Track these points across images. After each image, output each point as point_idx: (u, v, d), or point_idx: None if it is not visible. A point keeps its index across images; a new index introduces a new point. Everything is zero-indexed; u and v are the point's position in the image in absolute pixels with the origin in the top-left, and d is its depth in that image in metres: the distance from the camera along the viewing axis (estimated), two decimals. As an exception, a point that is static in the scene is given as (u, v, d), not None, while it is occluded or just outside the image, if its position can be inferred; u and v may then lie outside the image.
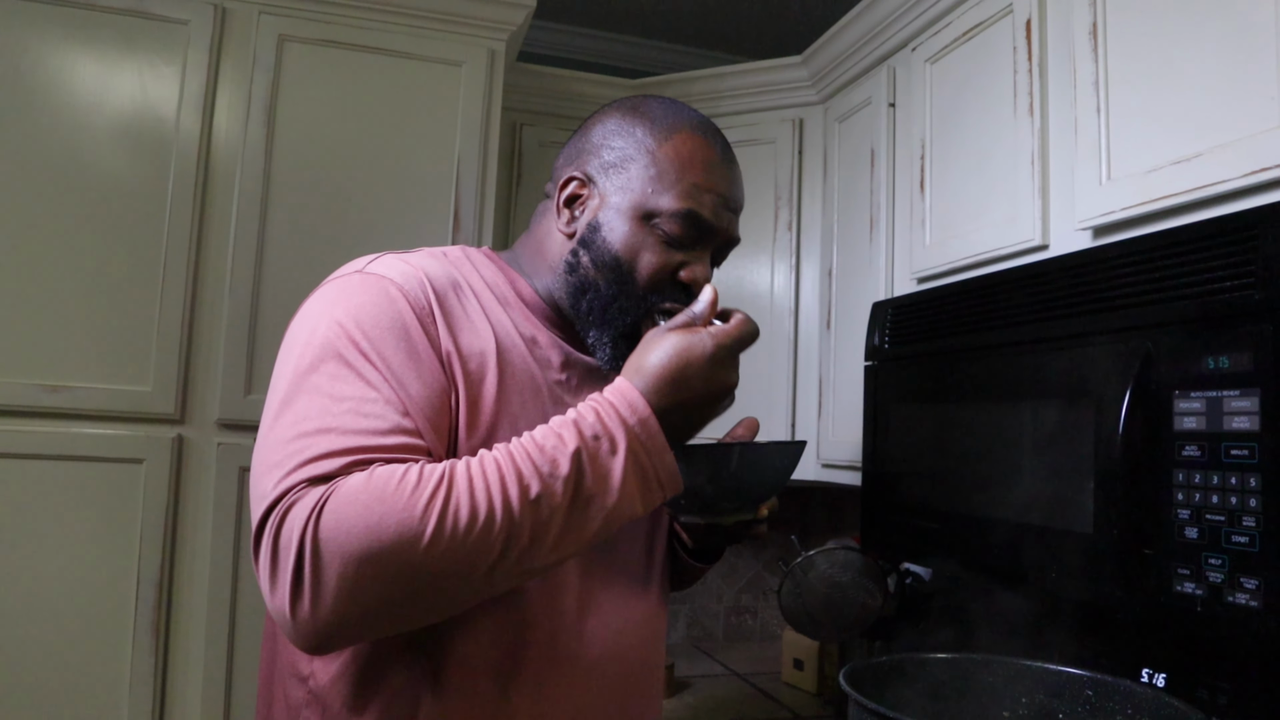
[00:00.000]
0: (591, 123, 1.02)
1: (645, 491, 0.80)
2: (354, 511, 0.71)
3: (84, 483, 1.75)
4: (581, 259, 0.96)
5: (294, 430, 0.78)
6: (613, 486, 0.78)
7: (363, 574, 0.70)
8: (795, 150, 2.31)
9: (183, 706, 1.79)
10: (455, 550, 0.72)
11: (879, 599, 1.58)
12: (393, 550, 0.70)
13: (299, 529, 0.71)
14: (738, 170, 1.00)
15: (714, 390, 0.83)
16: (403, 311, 0.85)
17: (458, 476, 0.74)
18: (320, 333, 0.83)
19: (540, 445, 0.77)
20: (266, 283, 1.89)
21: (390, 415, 0.80)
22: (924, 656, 1.01)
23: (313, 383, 0.81)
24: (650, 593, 1.04)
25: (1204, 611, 1.01)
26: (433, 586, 0.72)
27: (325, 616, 0.71)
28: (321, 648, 0.74)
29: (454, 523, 0.72)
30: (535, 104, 2.43)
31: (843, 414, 2.05)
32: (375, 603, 0.71)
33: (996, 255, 1.54)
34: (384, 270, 0.89)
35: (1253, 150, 1.07)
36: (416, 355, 0.84)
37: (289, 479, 0.75)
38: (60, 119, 1.79)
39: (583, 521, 0.77)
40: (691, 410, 0.83)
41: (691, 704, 2.10)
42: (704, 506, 0.94)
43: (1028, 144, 1.49)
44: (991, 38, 1.61)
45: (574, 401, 0.96)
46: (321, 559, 0.70)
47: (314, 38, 1.97)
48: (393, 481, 0.72)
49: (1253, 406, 0.98)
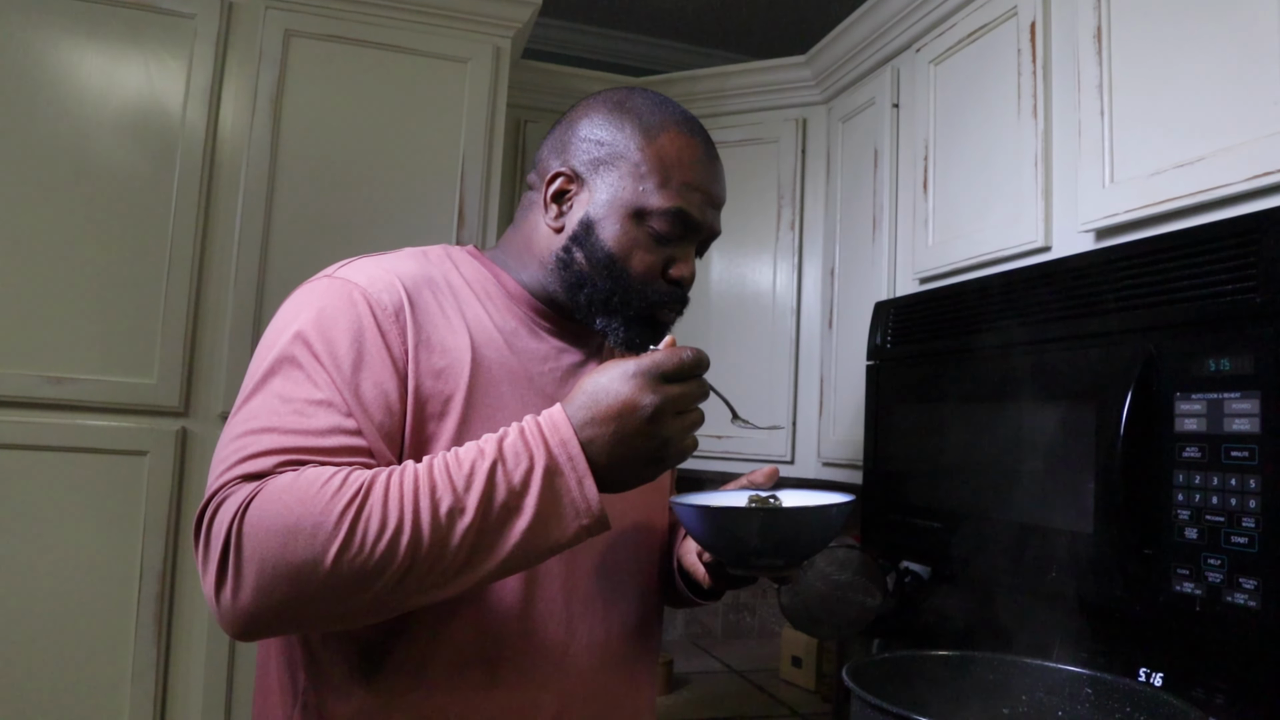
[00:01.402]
0: (576, 115, 1.03)
1: (561, 515, 0.78)
2: (274, 511, 0.74)
3: (88, 475, 1.76)
4: (575, 256, 0.98)
5: (242, 428, 0.82)
6: (526, 505, 0.77)
7: (277, 574, 0.73)
8: (799, 150, 2.32)
9: (185, 698, 1.80)
10: (361, 559, 0.73)
11: (878, 598, 1.59)
12: (303, 554, 0.73)
13: (226, 524, 0.75)
14: (720, 166, 1.03)
15: (643, 419, 0.78)
16: (362, 315, 0.88)
17: (375, 487, 0.76)
18: (284, 336, 0.87)
19: (460, 460, 0.78)
20: (271, 276, 1.89)
21: (332, 417, 0.82)
22: (924, 654, 1.02)
23: (268, 384, 0.84)
24: (640, 586, 1.05)
25: (1203, 611, 1.02)
26: (338, 592, 0.74)
27: (244, 608, 0.74)
28: (244, 635, 0.77)
29: (363, 532, 0.73)
30: (540, 101, 2.43)
31: (844, 413, 2.06)
32: (286, 601, 0.74)
33: (999, 256, 1.55)
34: (351, 275, 0.92)
35: (1255, 154, 1.07)
36: (371, 359, 0.86)
37: (226, 474, 0.79)
38: (66, 112, 1.80)
39: (495, 540, 0.76)
40: (624, 438, 0.79)
41: (690, 700, 2.11)
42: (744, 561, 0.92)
43: (1031, 146, 1.49)
44: (996, 40, 1.62)
45: (559, 391, 0.98)
46: (243, 555, 0.74)
47: (320, 33, 1.97)
48: (316, 484, 0.75)
49: (1253, 409, 0.99)
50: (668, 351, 0.82)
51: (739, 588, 1.06)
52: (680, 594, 1.13)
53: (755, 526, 0.87)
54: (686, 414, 0.81)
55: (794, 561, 0.93)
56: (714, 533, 0.91)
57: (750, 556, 0.90)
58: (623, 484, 0.81)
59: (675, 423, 0.80)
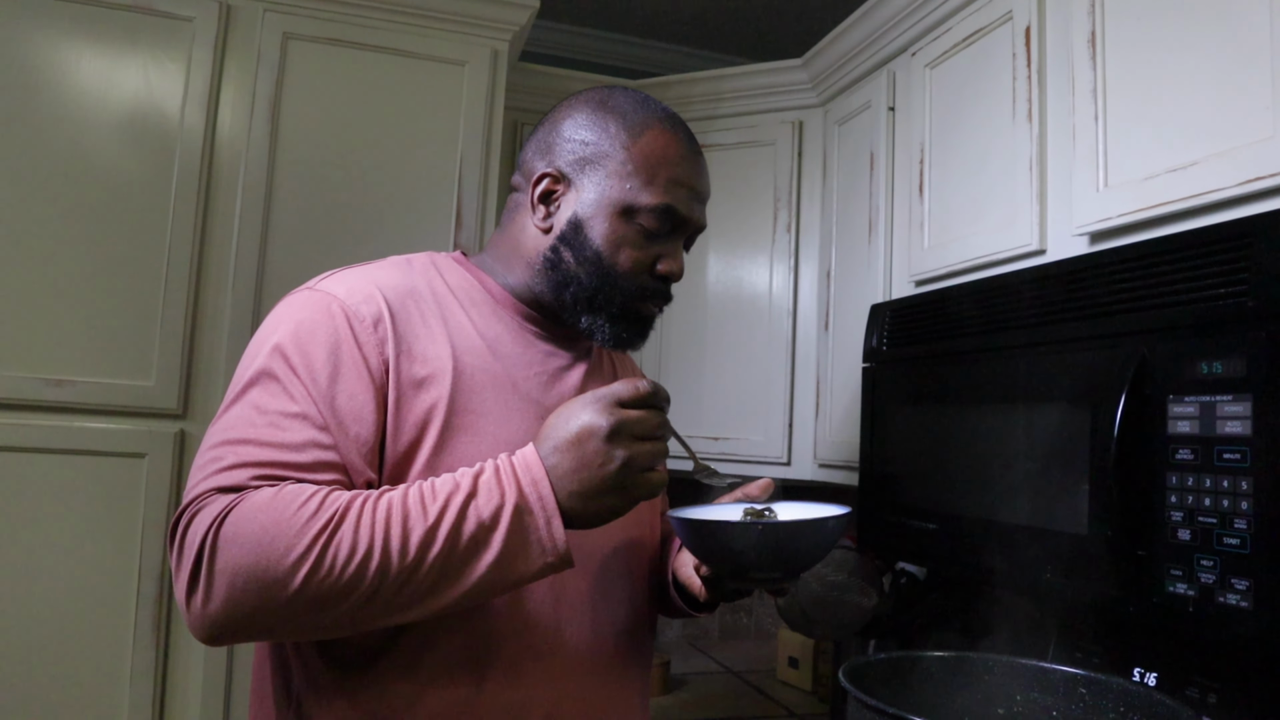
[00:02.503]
0: (559, 116, 1.04)
1: (528, 552, 0.80)
2: (250, 529, 0.76)
3: (86, 477, 1.76)
4: (563, 255, 0.99)
5: (219, 438, 0.84)
6: (494, 540, 0.79)
7: (247, 587, 0.76)
8: (795, 152, 2.32)
9: (183, 700, 1.80)
10: (330, 582, 0.76)
11: (874, 598, 1.59)
12: (274, 572, 0.76)
13: (200, 534, 0.77)
14: (704, 160, 1.05)
15: (600, 438, 0.80)
16: (339, 328, 0.89)
17: (350, 511, 0.79)
18: (263, 349, 0.88)
19: (436, 491, 0.81)
20: (269, 279, 1.90)
21: (307, 430, 0.84)
22: (920, 655, 1.03)
23: (246, 396, 0.86)
24: (630, 589, 1.05)
25: (1196, 612, 1.03)
26: (305, 609, 0.77)
27: (214, 616, 0.77)
28: (212, 640, 0.79)
29: (333, 555, 0.76)
30: (538, 103, 2.44)
31: (840, 415, 2.07)
32: (254, 612, 0.77)
33: (994, 259, 1.56)
34: (330, 287, 0.93)
35: (1248, 159, 1.08)
36: (347, 371, 0.87)
37: (203, 484, 0.81)
38: (65, 114, 1.80)
39: (461, 571, 0.79)
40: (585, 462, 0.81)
41: (687, 701, 2.12)
42: (741, 574, 0.94)
43: (1026, 150, 1.50)
44: (991, 44, 1.63)
45: (546, 396, 0.99)
46: (215, 565, 0.76)
47: (318, 36, 1.98)
48: (293, 505, 0.78)
49: (1245, 411, 1.00)
50: (624, 381, 0.84)
51: (734, 600, 1.07)
52: (675, 606, 1.14)
53: (753, 540, 0.88)
54: (646, 440, 0.83)
55: (791, 574, 0.94)
56: (711, 546, 0.92)
57: (748, 569, 0.91)
58: (591, 516, 0.83)
59: (635, 445, 0.81)
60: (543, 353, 1.03)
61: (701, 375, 2.37)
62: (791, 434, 2.25)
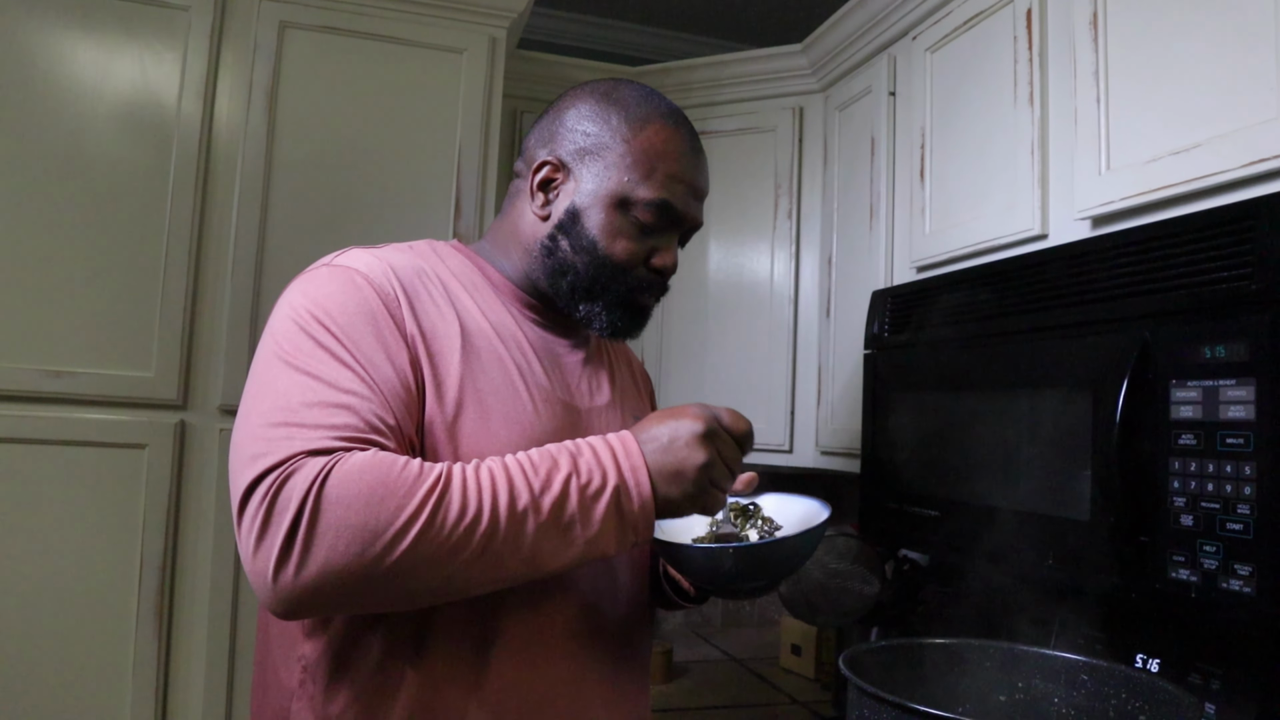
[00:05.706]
0: (564, 105, 1.05)
1: (621, 533, 0.84)
2: (358, 488, 0.75)
3: (86, 468, 1.76)
4: (560, 244, 1.00)
5: (282, 402, 0.82)
6: (594, 519, 0.82)
7: (350, 548, 0.74)
8: (795, 138, 2.31)
9: (185, 691, 1.81)
10: (440, 539, 0.76)
11: (876, 585, 1.59)
12: (387, 525, 0.74)
13: (300, 493, 0.74)
14: (704, 158, 1.05)
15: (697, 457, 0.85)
16: (369, 298, 0.89)
17: (454, 476, 0.79)
18: (297, 321, 0.87)
19: (535, 465, 0.82)
20: (268, 268, 1.89)
21: (370, 397, 0.84)
22: (921, 641, 1.03)
23: (294, 364, 0.84)
24: (630, 574, 1.06)
25: (1198, 598, 1.03)
26: (411, 570, 0.76)
27: (306, 582, 0.74)
28: (291, 613, 0.77)
29: (444, 514, 0.76)
30: (536, 91, 2.43)
31: (841, 401, 2.06)
32: (350, 577, 0.75)
33: (996, 244, 1.55)
34: (350, 262, 0.93)
35: (1251, 141, 1.07)
36: (384, 339, 0.88)
37: (287, 446, 0.78)
38: (61, 105, 1.79)
39: (558, 544, 0.81)
40: (677, 466, 0.86)
41: (689, 688, 2.12)
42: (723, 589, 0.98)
43: (1027, 133, 1.49)
44: (992, 27, 1.62)
45: (548, 380, 1.00)
46: (318, 525, 0.74)
47: (315, 24, 1.96)
48: (396, 467, 0.77)
49: (1248, 396, 0.99)
50: (733, 411, 0.90)
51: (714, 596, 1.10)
52: (667, 598, 1.16)
53: (728, 565, 0.91)
54: (727, 460, 0.88)
55: (774, 584, 0.98)
56: (692, 570, 0.95)
57: (731, 584, 0.95)
58: (661, 507, 0.86)
59: (719, 461, 0.87)
60: (542, 339, 1.03)
61: (703, 362, 2.37)
62: (793, 421, 2.25)
